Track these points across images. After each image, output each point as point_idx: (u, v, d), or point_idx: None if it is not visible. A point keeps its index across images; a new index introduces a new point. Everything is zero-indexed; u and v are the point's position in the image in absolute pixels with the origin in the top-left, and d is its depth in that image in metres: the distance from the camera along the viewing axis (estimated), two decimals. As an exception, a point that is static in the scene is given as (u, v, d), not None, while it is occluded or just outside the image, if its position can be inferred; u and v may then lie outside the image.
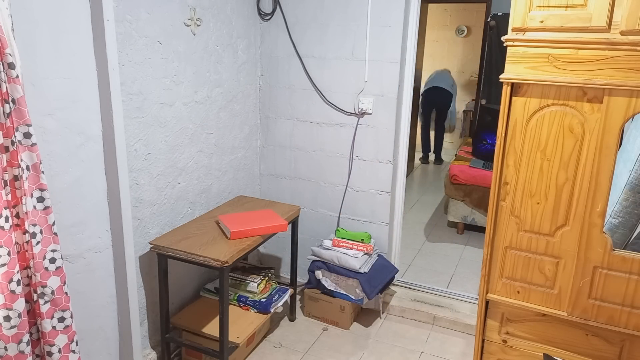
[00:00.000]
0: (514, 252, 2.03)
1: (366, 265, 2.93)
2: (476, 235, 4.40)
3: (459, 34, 7.25)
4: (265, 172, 3.41)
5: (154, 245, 2.41)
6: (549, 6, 1.75)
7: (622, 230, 1.97)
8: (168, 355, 2.61)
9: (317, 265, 3.03)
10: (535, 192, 1.93)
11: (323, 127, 3.15)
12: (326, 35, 2.99)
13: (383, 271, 3.01)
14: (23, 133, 1.68)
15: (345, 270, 2.92)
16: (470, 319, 3.03)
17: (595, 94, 1.76)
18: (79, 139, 2.04)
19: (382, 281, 2.96)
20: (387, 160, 3.02)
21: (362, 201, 3.15)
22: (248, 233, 2.49)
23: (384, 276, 2.99)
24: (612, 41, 1.68)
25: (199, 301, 2.84)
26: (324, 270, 3.01)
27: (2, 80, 1.59)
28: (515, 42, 1.83)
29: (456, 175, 4.24)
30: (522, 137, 1.90)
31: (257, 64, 3.20)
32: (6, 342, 1.73)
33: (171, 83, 2.47)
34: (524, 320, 2.10)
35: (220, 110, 2.90)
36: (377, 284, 2.92)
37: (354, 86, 3.00)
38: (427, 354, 2.87)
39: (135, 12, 2.19)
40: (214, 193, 2.96)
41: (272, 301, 2.82)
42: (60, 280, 1.86)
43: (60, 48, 1.91)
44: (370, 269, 2.93)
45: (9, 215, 1.69)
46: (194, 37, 2.58)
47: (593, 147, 1.79)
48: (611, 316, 1.90)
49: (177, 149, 2.59)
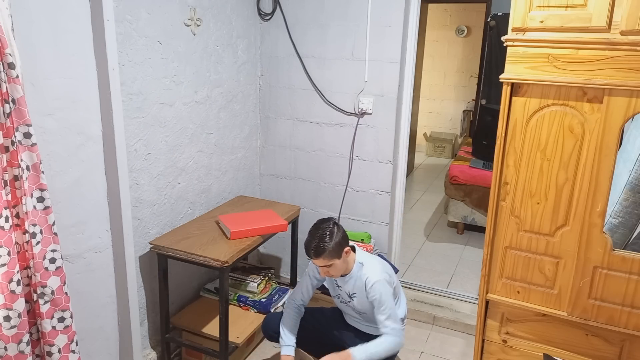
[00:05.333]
0: (514, 252, 2.03)
1: (366, 265, 2.92)
2: (476, 235, 4.40)
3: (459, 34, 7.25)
4: (265, 172, 3.41)
5: (154, 245, 2.41)
6: (549, 6, 1.75)
7: (622, 230, 1.97)
8: (168, 355, 2.61)
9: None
10: (535, 192, 1.93)
11: (323, 127, 3.15)
12: (326, 35, 2.99)
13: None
14: (23, 133, 1.68)
15: (345, 270, 2.92)
16: (470, 319, 3.03)
17: (595, 94, 1.76)
18: (79, 139, 2.04)
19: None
20: (387, 160, 3.02)
21: (362, 201, 3.15)
22: (248, 233, 2.49)
23: (384, 276, 2.99)
24: (612, 41, 1.68)
25: (199, 301, 2.84)
26: (324, 270, 3.01)
27: (2, 80, 1.59)
28: (515, 42, 1.83)
29: (456, 176, 4.24)
30: (522, 137, 1.90)
31: (257, 64, 3.20)
32: (6, 342, 1.73)
33: (171, 83, 2.47)
34: (524, 320, 2.10)
35: (220, 110, 2.90)
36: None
37: (354, 86, 3.00)
38: (427, 354, 2.87)
39: (135, 12, 2.19)
40: (214, 193, 2.96)
41: (272, 301, 2.82)
42: (60, 280, 1.86)
43: (60, 48, 1.91)
44: (370, 269, 2.92)
45: (9, 215, 1.69)
46: (194, 37, 2.58)
47: (593, 147, 1.79)
48: (611, 316, 1.90)
49: (177, 149, 2.59)
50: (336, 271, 2.20)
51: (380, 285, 2.18)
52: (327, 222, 2.19)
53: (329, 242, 2.11)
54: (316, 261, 2.16)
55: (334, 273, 2.21)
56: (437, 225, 4.69)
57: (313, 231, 2.17)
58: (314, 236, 2.14)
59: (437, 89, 7.56)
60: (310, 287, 2.42)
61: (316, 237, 2.13)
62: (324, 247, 2.10)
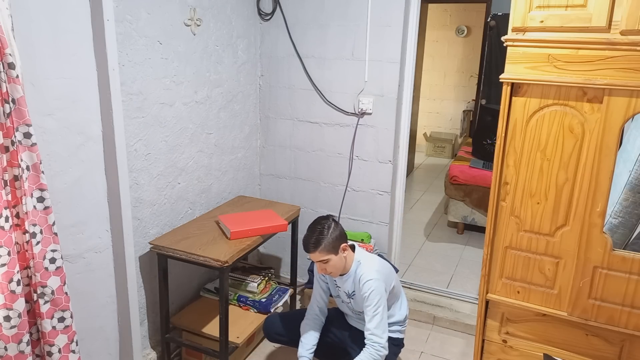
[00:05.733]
0: (514, 252, 2.03)
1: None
2: (476, 235, 4.40)
3: (459, 34, 7.25)
4: (265, 172, 3.41)
5: (154, 245, 2.41)
6: (549, 6, 1.75)
7: (622, 230, 1.97)
8: (168, 355, 2.61)
9: (317, 265, 3.03)
10: (535, 192, 1.93)
11: (323, 127, 3.15)
12: (326, 36, 2.99)
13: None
14: (23, 133, 1.68)
15: (345, 270, 2.92)
16: (470, 319, 3.03)
17: (595, 94, 1.76)
18: (79, 139, 2.04)
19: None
20: (387, 160, 3.02)
21: (362, 201, 3.15)
22: (248, 233, 2.49)
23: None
24: (612, 41, 1.68)
25: (199, 301, 2.84)
26: (324, 270, 3.01)
27: (2, 80, 1.59)
28: (515, 42, 1.83)
29: (456, 176, 4.24)
30: (522, 137, 1.90)
31: (257, 64, 3.20)
32: (6, 342, 1.73)
33: (171, 83, 2.47)
34: (524, 320, 2.10)
35: (220, 110, 2.90)
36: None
37: (354, 86, 3.00)
38: (427, 354, 2.87)
39: (135, 12, 2.19)
40: (214, 193, 2.96)
41: (272, 301, 2.82)
42: (60, 280, 1.86)
43: (60, 48, 1.91)
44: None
45: (9, 215, 1.69)
46: (194, 37, 2.58)
47: (593, 147, 1.79)
48: (611, 316, 1.90)
49: (177, 149, 2.59)
50: (333, 269, 2.19)
51: (372, 283, 2.17)
52: (326, 219, 2.21)
53: (326, 235, 2.12)
54: (313, 255, 2.16)
55: (331, 270, 2.20)
56: (437, 225, 4.69)
57: (312, 226, 2.19)
58: (313, 230, 2.16)
59: (437, 89, 7.56)
60: (322, 291, 2.40)
61: (315, 231, 2.15)
62: (320, 239, 2.12)
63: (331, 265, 2.17)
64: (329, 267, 2.18)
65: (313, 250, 2.14)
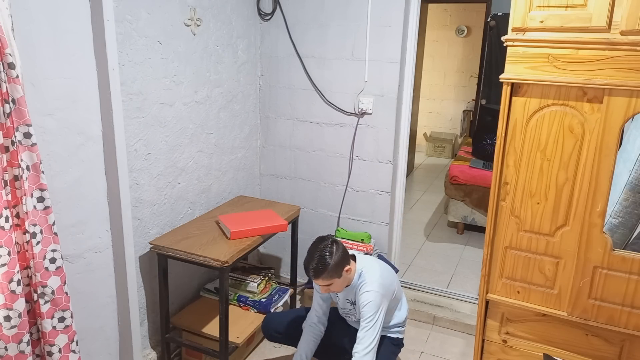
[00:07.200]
0: (514, 252, 2.03)
1: (366, 265, 2.92)
2: (476, 235, 4.40)
3: (459, 34, 7.25)
4: (265, 172, 3.41)
5: (154, 245, 2.41)
6: (549, 6, 1.75)
7: (622, 230, 1.97)
8: (168, 355, 2.61)
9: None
10: (535, 192, 1.93)
11: (323, 127, 3.15)
12: (326, 35, 2.99)
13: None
14: (23, 133, 1.68)
15: (345, 270, 2.91)
16: (470, 319, 3.03)
17: (595, 94, 1.76)
18: (79, 139, 2.04)
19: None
20: (387, 160, 3.02)
21: (362, 201, 3.15)
22: (248, 233, 2.49)
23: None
24: (612, 41, 1.68)
25: (199, 301, 2.84)
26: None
27: (2, 80, 1.59)
28: (515, 42, 1.83)
29: (456, 176, 4.24)
30: (522, 137, 1.90)
31: (257, 64, 3.20)
32: (6, 342, 1.73)
33: (171, 83, 2.47)
34: (524, 320, 2.10)
35: (220, 110, 2.90)
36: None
37: (354, 86, 3.00)
38: (427, 354, 2.87)
39: (135, 12, 2.19)
40: (214, 193, 2.96)
41: (272, 301, 2.82)
42: (60, 280, 1.86)
43: (60, 48, 1.91)
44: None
45: (9, 215, 1.69)
46: (194, 37, 2.58)
47: (593, 147, 1.79)
48: (611, 316, 1.90)
49: (177, 149, 2.59)
50: (337, 288, 2.17)
51: (370, 295, 2.14)
52: (325, 241, 2.12)
53: (327, 262, 2.05)
54: (316, 281, 2.12)
55: (335, 289, 2.17)
56: (437, 225, 4.69)
57: (312, 250, 2.11)
58: (313, 256, 2.08)
59: (437, 89, 7.56)
60: (321, 300, 2.37)
61: (315, 257, 2.07)
62: (322, 268, 2.05)
63: (334, 286, 2.14)
64: (332, 288, 2.15)
65: (315, 278, 2.09)
